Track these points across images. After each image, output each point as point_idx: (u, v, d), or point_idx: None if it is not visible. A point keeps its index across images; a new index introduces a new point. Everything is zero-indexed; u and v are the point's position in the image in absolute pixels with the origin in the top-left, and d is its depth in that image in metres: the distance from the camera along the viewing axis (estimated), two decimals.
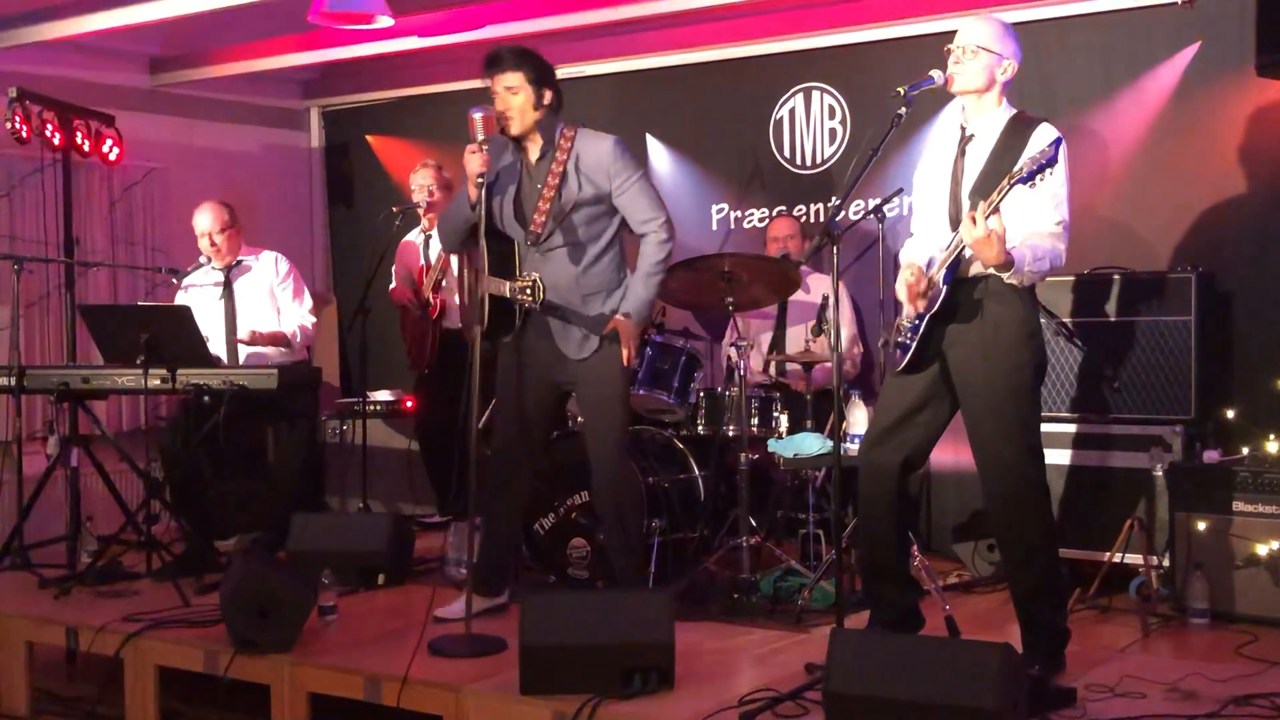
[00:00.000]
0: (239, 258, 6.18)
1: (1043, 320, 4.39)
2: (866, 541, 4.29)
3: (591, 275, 4.52)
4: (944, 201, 4.12)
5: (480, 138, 4.30)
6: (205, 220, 6.11)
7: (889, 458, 4.15)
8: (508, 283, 4.42)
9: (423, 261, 6.74)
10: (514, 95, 4.42)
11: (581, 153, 4.48)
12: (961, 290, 4.00)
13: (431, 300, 6.60)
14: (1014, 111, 4.09)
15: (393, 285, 6.93)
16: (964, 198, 4.03)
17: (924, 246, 4.20)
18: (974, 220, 3.78)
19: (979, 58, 4.03)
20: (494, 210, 4.52)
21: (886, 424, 4.18)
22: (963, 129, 4.13)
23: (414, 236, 6.87)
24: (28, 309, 6.77)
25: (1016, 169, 3.79)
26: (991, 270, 3.90)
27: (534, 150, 4.53)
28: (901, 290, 4.11)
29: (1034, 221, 3.94)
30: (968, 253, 3.94)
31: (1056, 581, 4.13)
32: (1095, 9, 5.86)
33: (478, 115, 4.30)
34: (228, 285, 6.12)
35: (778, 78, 6.83)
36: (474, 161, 4.29)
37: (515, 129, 4.45)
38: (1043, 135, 3.95)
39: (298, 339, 6.15)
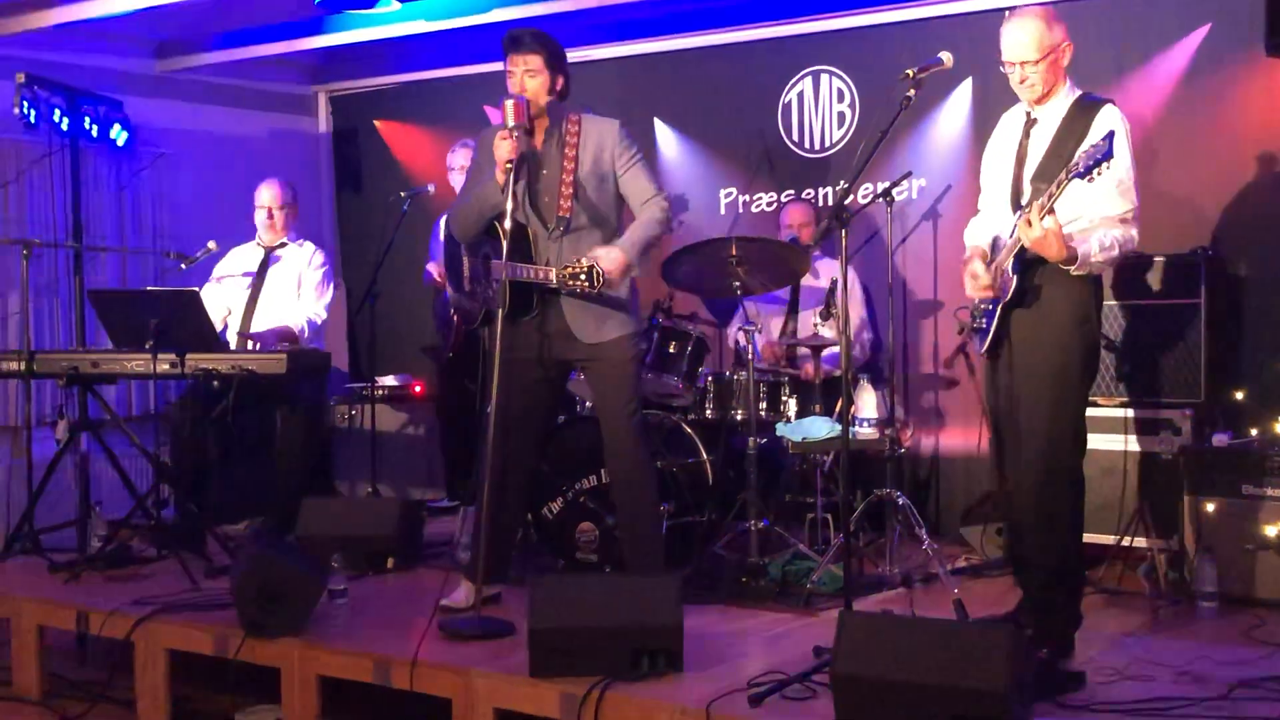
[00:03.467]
0: (284, 240, 6.25)
1: None
2: (1013, 533, 4.42)
3: None
4: (1007, 183, 4.17)
5: (512, 124, 4.29)
6: (269, 194, 6.24)
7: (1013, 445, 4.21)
8: (554, 270, 4.35)
9: None
10: (532, 78, 4.43)
11: (587, 136, 4.51)
12: (1023, 275, 4.03)
13: None
14: (1078, 93, 4.10)
15: (429, 264, 6.87)
16: (1026, 181, 4.07)
17: (988, 224, 4.29)
18: (1029, 223, 3.81)
19: (1040, 66, 4.02)
20: (516, 196, 4.53)
21: (990, 412, 4.28)
22: (1028, 113, 4.16)
23: None
24: (37, 294, 6.79)
25: (1073, 163, 3.78)
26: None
27: (540, 135, 4.52)
28: (968, 282, 4.20)
29: (1101, 210, 3.96)
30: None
31: (1076, 567, 4.16)
32: None
33: (510, 101, 4.31)
34: (263, 267, 6.18)
35: (786, 61, 6.81)
36: (504, 147, 4.28)
37: (531, 111, 4.44)
38: (1108, 118, 3.96)
39: (304, 334, 6.16)
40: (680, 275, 5.38)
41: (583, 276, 4.24)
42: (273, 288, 6.23)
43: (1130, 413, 5.19)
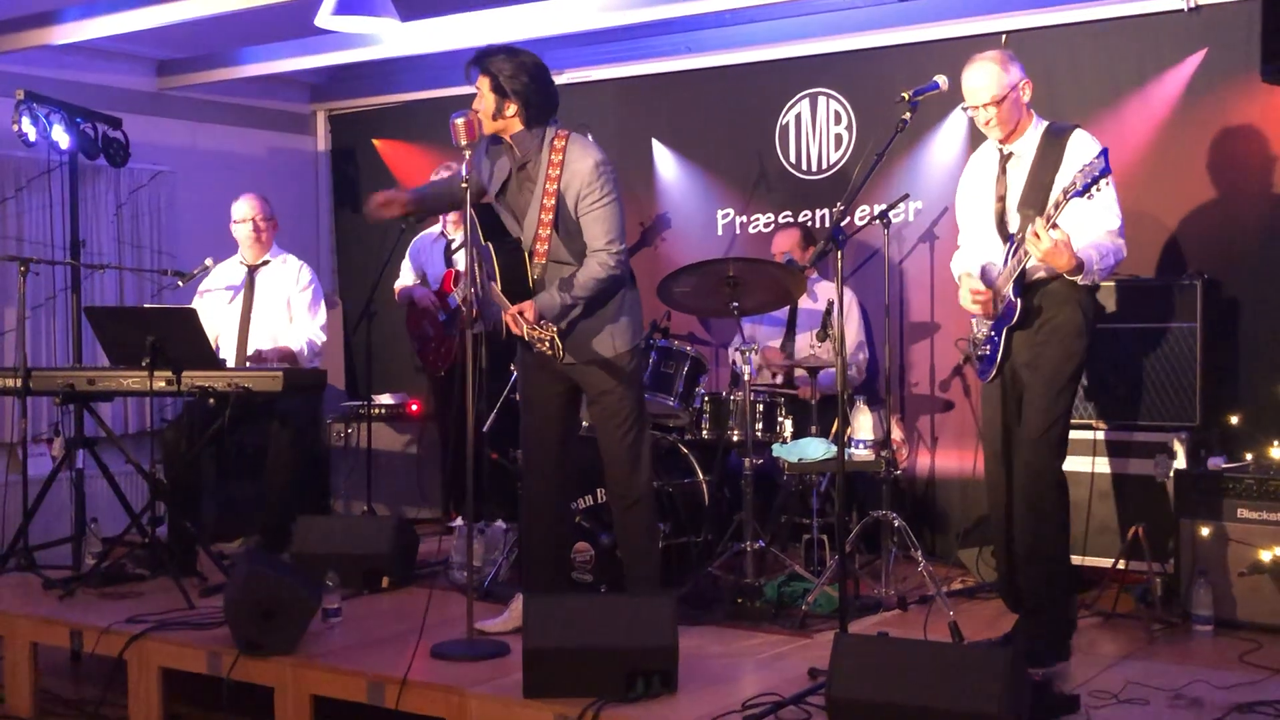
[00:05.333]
0: (267, 256, 6.23)
1: None
2: (1006, 557, 4.47)
3: None
4: (990, 217, 4.32)
5: (462, 143, 4.21)
6: (249, 206, 6.20)
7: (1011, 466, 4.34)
8: (526, 328, 4.19)
9: (449, 267, 6.67)
10: (479, 100, 4.34)
11: (568, 171, 4.30)
12: (1024, 297, 4.18)
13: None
14: (1045, 124, 4.26)
15: (400, 282, 6.85)
16: (1011, 212, 4.22)
17: (972, 257, 4.44)
18: (1038, 235, 3.93)
19: (1001, 106, 4.17)
20: (497, 210, 4.51)
21: (994, 437, 4.39)
22: (1000, 149, 4.30)
23: (433, 237, 6.83)
24: (34, 311, 6.79)
25: (1070, 183, 3.90)
26: (1061, 275, 4.07)
27: (516, 157, 4.40)
28: (966, 301, 4.35)
29: (1092, 227, 4.11)
30: (1031, 263, 4.10)
31: (1065, 571, 4.29)
32: (1102, 16, 5.86)
33: (459, 120, 4.22)
34: (250, 284, 6.16)
35: (783, 83, 6.83)
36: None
37: (485, 131, 4.34)
38: (1079, 142, 4.13)
39: (304, 355, 6.14)
40: (677, 295, 5.39)
41: (545, 343, 4.11)
42: (262, 306, 6.19)
43: (1126, 436, 5.20)
